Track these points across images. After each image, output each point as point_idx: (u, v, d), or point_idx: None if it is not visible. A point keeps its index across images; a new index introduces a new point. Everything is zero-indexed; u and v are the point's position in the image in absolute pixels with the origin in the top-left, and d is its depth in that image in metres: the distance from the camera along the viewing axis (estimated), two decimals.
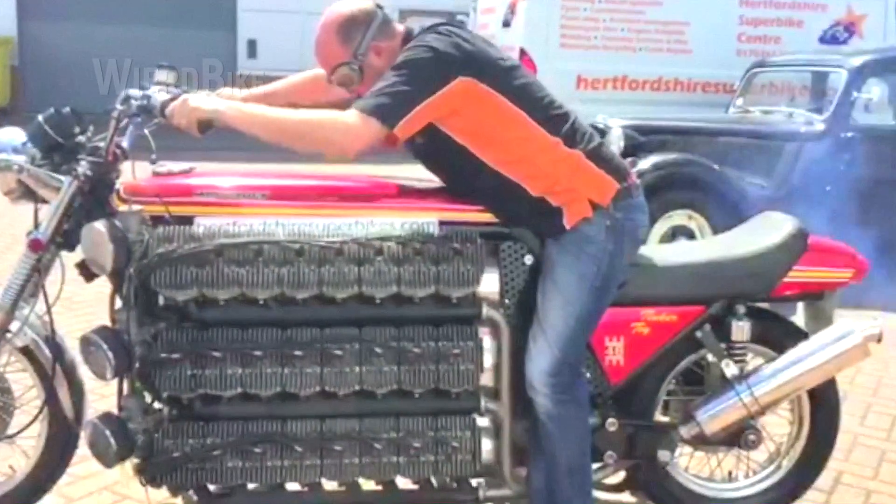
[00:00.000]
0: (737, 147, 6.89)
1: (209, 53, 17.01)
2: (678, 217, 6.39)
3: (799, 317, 3.07)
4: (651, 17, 9.22)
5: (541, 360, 2.63)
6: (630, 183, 2.74)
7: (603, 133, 6.58)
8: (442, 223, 2.67)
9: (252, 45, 17.84)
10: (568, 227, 2.65)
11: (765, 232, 2.91)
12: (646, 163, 6.31)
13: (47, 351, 2.74)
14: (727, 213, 6.14)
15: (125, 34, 16.80)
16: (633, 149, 6.55)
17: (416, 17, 16.49)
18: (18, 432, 2.79)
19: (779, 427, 3.13)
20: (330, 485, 2.70)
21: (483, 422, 2.73)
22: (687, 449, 3.02)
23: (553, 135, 2.65)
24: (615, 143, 6.53)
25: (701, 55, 9.20)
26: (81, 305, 4.92)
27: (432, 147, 2.70)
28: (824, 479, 3.27)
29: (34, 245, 2.64)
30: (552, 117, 2.68)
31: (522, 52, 8.79)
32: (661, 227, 6.32)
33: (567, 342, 2.63)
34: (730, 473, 3.12)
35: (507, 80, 2.64)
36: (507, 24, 9.43)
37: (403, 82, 2.51)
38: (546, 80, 2.96)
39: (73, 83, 15.55)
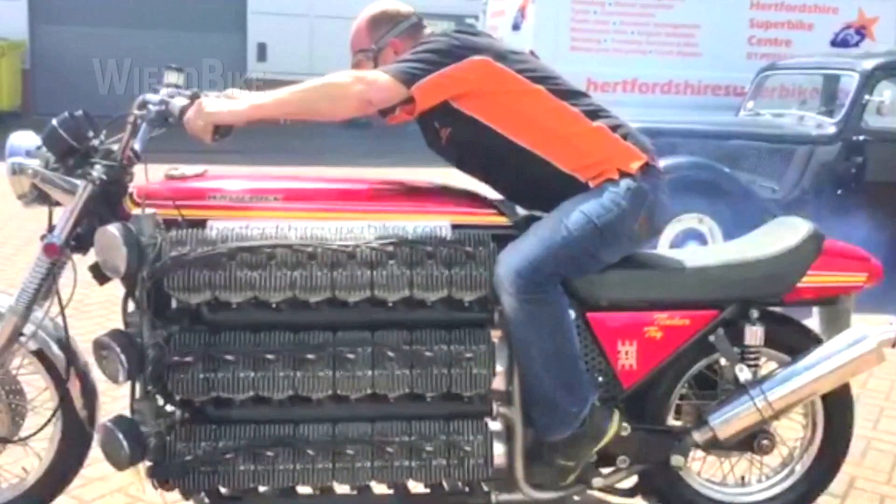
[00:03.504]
0: (748, 150, 6.86)
1: (220, 57, 17.12)
2: (688, 220, 6.36)
3: (814, 321, 3.05)
4: (661, 20, 9.21)
5: (513, 259, 2.59)
6: (657, 163, 2.80)
7: None
8: (455, 226, 2.67)
9: (262, 48, 17.89)
10: (592, 186, 2.71)
11: (780, 236, 2.89)
12: None
13: (61, 354, 2.75)
14: (738, 217, 6.13)
15: (136, 38, 16.90)
16: None
17: (426, 19, 16.50)
18: (32, 435, 2.80)
19: (792, 431, 3.11)
20: (342, 488, 2.70)
21: (495, 426, 2.72)
22: (700, 453, 3.00)
23: (573, 107, 2.72)
24: None
25: (711, 58, 9.17)
26: (93, 308, 4.94)
27: (461, 135, 2.75)
28: (838, 484, 3.26)
29: (48, 249, 2.65)
30: (568, 94, 2.76)
31: (532, 55, 8.79)
32: (672, 230, 6.29)
33: (545, 250, 2.60)
34: (742, 478, 3.10)
35: (522, 63, 2.75)
36: (516, 27, 9.43)
37: (420, 55, 2.64)
38: None
39: (83, 86, 15.62)
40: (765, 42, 9.41)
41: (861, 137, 6.64)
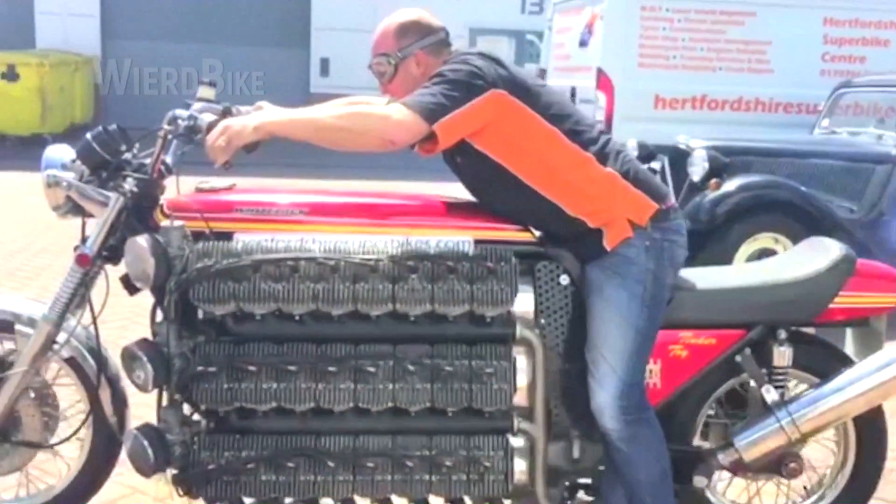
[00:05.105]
0: (824, 169, 6.71)
1: (283, 71, 17.45)
2: (764, 240, 6.21)
3: (848, 344, 2.98)
4: (732, 36, 9.04)
5: (608, 385, 2.62)
6: (668, 205, 2.73)
7: (686, 154, 6.48)
8: (477, 242, 2.67)
9: (325, 63, 18.12)
10: (608, 248, 2.65)
11: (811, 257, 2.83)
12: (731, 185, 6.17)
13: (92, 362, 2.82)
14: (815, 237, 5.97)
15: (203, 53, 17.27)
16: (718, 170, 6.41)
17: (486, 36, 16.54)
18: (63, 441, 2.88)
19: (822, 452, 3.03)
20: (362, 501, 2.72)
21: (516, 442, 2.71)
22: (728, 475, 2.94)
23: (585, 151, 2.67)
24: (699, 164, 6.40)
25: (783, 75, 8.97)
26: None
27: (471, 166, 2.74)
28: None
29: (81, 259, 2.72)
30: (583, 135, 2.70)
31: (600, 72, 8.72)
32: (747, 250, 6.14)
33: (631, 362, 2.62)
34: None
35: (539, 98, 2.69)
36: (583, 43, 9.35)
37: (442, 88, 2.59)
38: (624, 99, 3.00)
39: (153, 100, 15.99)
40: (839, 59, 9.15)
41: None
